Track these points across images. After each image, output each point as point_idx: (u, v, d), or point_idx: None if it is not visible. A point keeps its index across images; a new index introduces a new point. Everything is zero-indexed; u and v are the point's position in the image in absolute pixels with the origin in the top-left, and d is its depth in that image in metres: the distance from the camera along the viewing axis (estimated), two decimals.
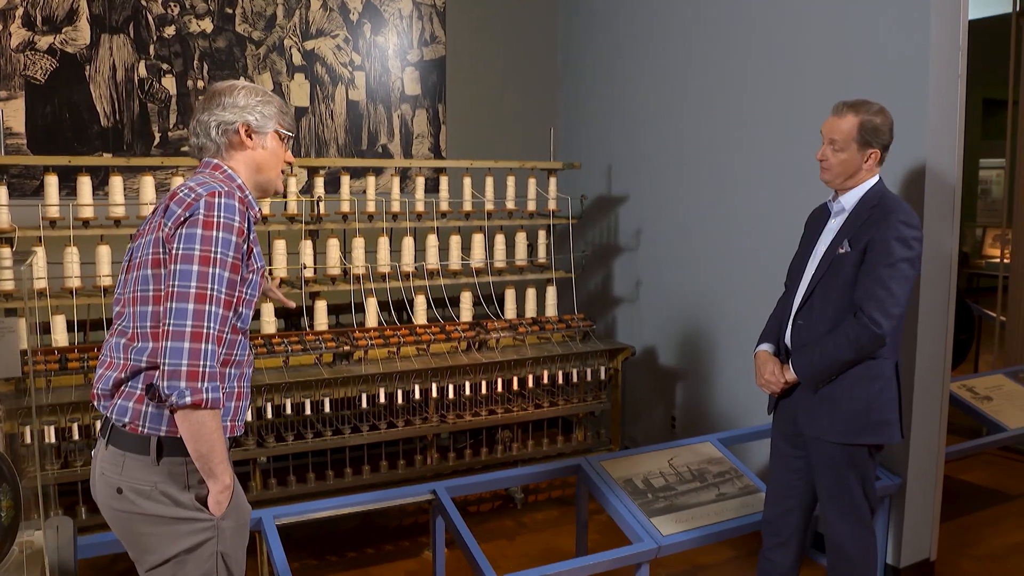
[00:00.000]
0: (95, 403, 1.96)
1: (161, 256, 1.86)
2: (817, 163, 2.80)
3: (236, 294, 1.88)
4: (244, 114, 1.99)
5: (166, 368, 1.76)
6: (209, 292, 1.79)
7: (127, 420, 1.87)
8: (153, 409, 1.87)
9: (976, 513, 4.40)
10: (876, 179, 2.76)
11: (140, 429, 1.87)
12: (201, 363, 1.77)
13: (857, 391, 2.66)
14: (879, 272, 2.58)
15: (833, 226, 2.80)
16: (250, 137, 2.01)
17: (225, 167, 2.00)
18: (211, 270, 1.80)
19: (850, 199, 2.76)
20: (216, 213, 1.82)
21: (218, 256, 1.81)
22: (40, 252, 3.46)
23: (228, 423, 1.94)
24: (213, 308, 1.80)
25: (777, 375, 2.80)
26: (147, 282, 1.88)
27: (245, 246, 1.89)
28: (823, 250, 2.79)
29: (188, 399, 1.76)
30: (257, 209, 2.00)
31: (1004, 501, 4.57)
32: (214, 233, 1.81)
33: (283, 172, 2.11)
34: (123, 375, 1.89)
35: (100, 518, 3.26)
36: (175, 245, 1.81)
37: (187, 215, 1.83)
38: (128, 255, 1.98)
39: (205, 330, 1.78)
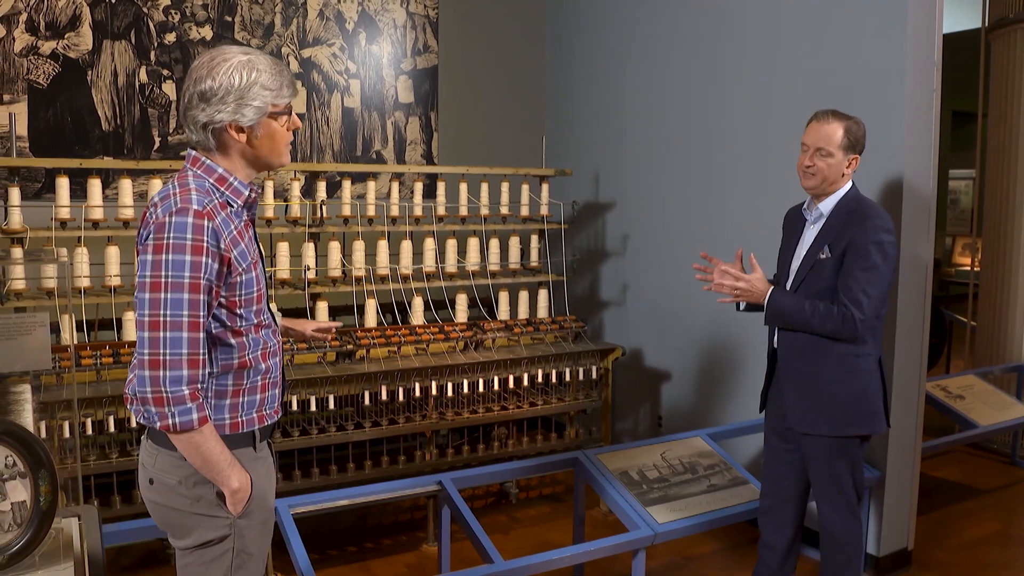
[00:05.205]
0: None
1: None
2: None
3: (203, 316, 1.83)
4: (231, 114, 1.87)
5: (138, 395, 1.82)
6: (161, 319, 1.78)
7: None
8: None
9: (949, 507, 4.60)
10: (850, 184, 2.91)
11: None
12: (163, 389, 1.78)
13: (843, 386, 2.82)
14: (856, 275, 2.75)
15: (812, 232, 2.93)
16: (241, 131, 1.91)
17: (205, 160, 1.93)
18: (163, 295, 1.78)
19: (827, 205, 2.90)
20: (166, 234, 1.79)
21: (169, 280, 1.78)
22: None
23: (255, 414, 2.00)
24: (169, 335, 1.78)
25: (740, 274, 2.91)
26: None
27: (207, 259, 1.81)
28: (804, 253, 2.93)
29: (157, 424, 1.82)
30: (240, 203, 1.95)
31: (975, 496, 4.78)
32: (164, 256, 1.78)
33: (291, 140, 2.00)
34: None
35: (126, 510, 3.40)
36: (137, 272, 1.85)
37: (145, 237, 1.85)
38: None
39: (161, 357, 1.78)
